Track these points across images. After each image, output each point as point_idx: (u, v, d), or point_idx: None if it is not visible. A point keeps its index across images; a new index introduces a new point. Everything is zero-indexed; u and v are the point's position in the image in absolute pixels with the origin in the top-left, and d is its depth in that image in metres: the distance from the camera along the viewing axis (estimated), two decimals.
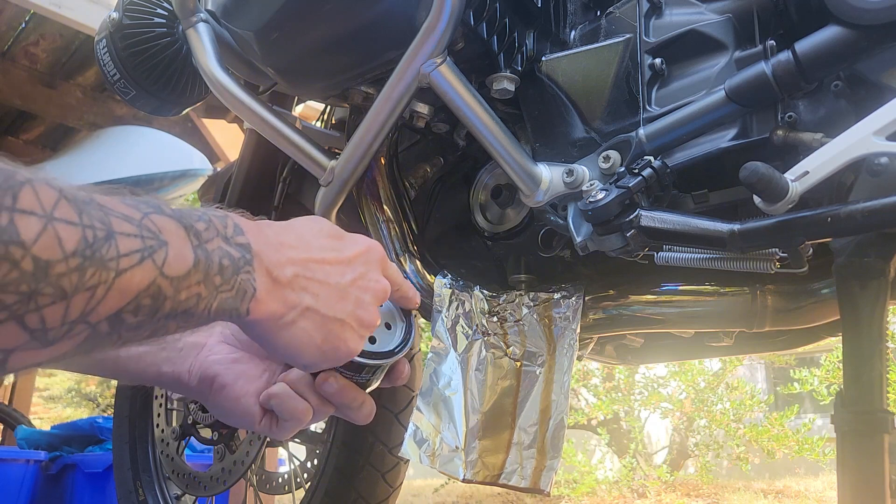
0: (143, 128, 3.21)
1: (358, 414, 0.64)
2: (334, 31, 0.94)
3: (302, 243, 0.55)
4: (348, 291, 0.57)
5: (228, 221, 0.49)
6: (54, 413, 11.85)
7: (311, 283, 0.54)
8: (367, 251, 0.60)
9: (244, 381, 0.64)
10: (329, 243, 0.57)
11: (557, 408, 0.89)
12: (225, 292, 0.47)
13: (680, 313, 0.92)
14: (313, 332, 0.54)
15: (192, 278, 0.44)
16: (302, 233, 0.56)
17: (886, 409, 0.73)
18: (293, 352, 0.54)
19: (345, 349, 0.57)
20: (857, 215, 0.66)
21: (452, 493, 5.17)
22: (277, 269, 0.51)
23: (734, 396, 4.64)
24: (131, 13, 1.18)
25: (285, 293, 0.52)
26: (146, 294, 0.41)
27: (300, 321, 0.53)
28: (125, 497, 1.54)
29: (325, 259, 0.56)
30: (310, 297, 0.54)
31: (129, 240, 0.41)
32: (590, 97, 0.90)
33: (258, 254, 0.50)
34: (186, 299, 0.44)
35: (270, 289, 0.51)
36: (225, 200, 1.36)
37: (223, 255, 0.47)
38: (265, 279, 0.50)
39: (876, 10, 0.68)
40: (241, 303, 0.49)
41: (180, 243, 0.44)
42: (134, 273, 0.40)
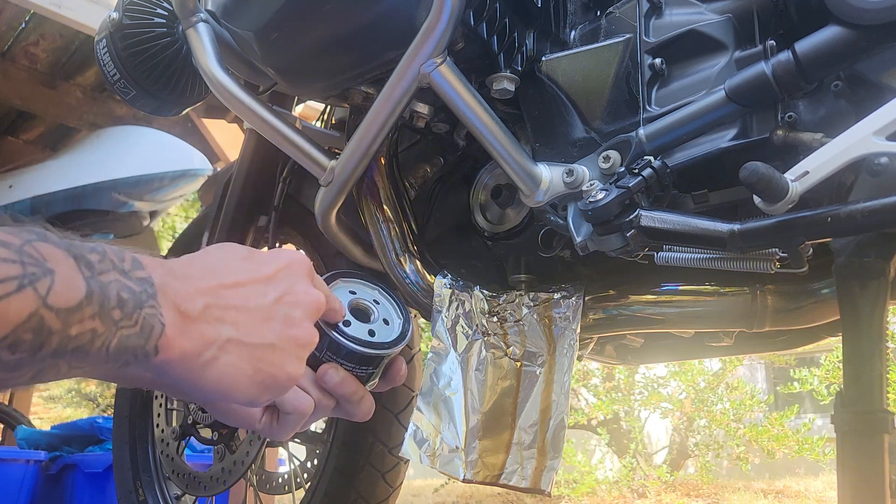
0: (143, 128, 3.21)
1: (358, 409, 0.63)
2: (334, 31, 0.94)
3: (208, 272, 0.50)
4: (273, 311, 0.51)
5: (125, 255, 0.44)
6: (54, 413, 11.85)
7: (226, 311, 0.49)
8: (288, 264, 0.55)
9: None
10: (242, 265, 0.52)
11: (558, 408, 0.88)
12: (126, 328, 0.42)
13: (680, 313, 0.92)
14: (241, 364, 0.49)
15: (84, 311, 0.39)
16: (208, 261, 0.51)
17: (886, 409, 0.73)
18: (223, 390, 0.48)
19: (283, 376, 0.52)
20: (857, 215, 0.66)
21: (452, 493, 5.17)
22: (186, 301, 0.46)
23: (734, 396, 4.64)
24: (131, 13, 1.18)
25: (199, 327, 0.47)
26: (26, 327, 0.36)
27: (222, 356, 0.48)
28: (125, 497, 1.54)
29: (239, 282, 0.51)
30: (228, 327, 0.48)
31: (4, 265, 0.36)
32: (590, 97, 0.90)
33: (162, 287, 0.45)
34: (78, 335, 0.39)
35: (180, 324, 0.45)
36: (225, 200, 1.37)
37: (121, 287, 0.42)
38: (173, 314, 0.45)
39: (876, 10, 0.68)
40: (148, 341, 0.43)
41: (69, 272, 0.39)
42: (10, 302, 0.36)
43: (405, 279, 1.01)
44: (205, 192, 1.88)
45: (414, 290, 1.00)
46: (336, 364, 0.62)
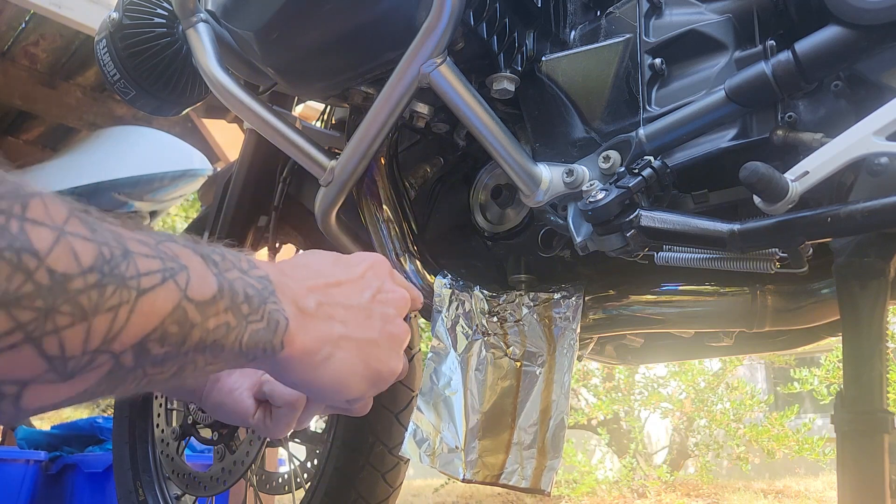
0: (143, 128, 3.21)
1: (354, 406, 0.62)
2: (334, 31, 0.94)
3: (312, 272, 0.52)
4: (371, 309, 0.54)
5: (241, 255, 0.46)
6: (54, 413, 11.85)
7: (335, 308, 0.51)
8: (374, 264, 0.57)
9: (239, 375, 0.63)
10: (335, 267, 0.54)
11: (558, 408, 0.89)
12: (255, 322, 0.43)
13: (680, 313, 0.92)
14: (353, 361, 0.51)
15: (218, 304, 0.41)
16: (308, 262, 0.53)
17: (886, 409, 0.74)
18: (339, 387, 0.50)
19: (387, 370, 0.54)
20: (857, 215, 0.66)
21: (452, 494, 5.17)
22: (301, 299, 0.48)
23: (734, 396, 4.64)
24: (131, 13, 1.18)
25: (315, 324, 0.48)
26: (172, 319, 0.38)
27: (337, 353, 0.50)
28: (125, 497, 1.54)
29: (340, 281, 0.53)
30: (339, 324, 0.50)
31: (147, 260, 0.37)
32: (590, 97, 0.90)
33: (279, 285, 0.46)
34: (215, 328, 0.40)
35: (300, 320, 0.47)
36: (225, 200, 1.36)
37: (245, 284, 0.43)
38: (293, 309, 0.47)
39: (876, 10, 0.68)
40: (275, 336, 0.45)
41: (200, 268, 0.40)
42: (157, 294, 0.37)
43: (405, 279, 1.01)
44: (205, 192, 1.87)
45: None
46: None
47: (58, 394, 0.35)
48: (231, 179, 1.37)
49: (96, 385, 0.36)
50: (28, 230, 0.32)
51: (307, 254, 0.56)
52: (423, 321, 1.21)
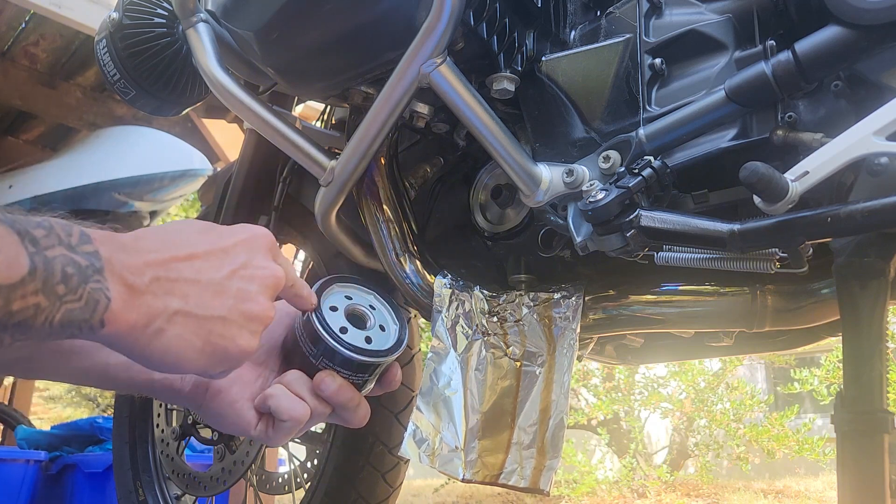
0: (142, 128, 3.21)
1: (354, 416, 0.63)
2: (334, 31, 0.93)
3: (163, 244, 0.50)
4: (225, 285, 0.52)
5: (73, 229, 0.44)
6: (54, 413, 11.85)
7: (176, 284, 0.49)
8: (249, 238, 0.55)
9: (239, 386, 0.62)
10: (199, 238, 0.52)
11: (557, 408, 0.88)
12: (71, 303, 0.42)
13: (680, 313, 0.91)
14: (190, 336, 0.49)
15: (27, 287, 0.40)
16: (163, 234, 0.52)
17: (886, 409, 0.73)
18: (172, 361, 0.49)
19: (234, 348, 0.52)
20: (857, 215, 0.66)
21: (452, 494, 5.17)
22: (133, 274, 0.47)
23: (734, 396, 4.64)
24: (131, 13, 1.18)
25: (146, 300, 0.47)
26: None
27: (170, 328, 0.48)
28: (125, 497, 1.54)
29: (194, 254, 0.51)
30: (177, 299, 0.49)
31: None
32: (590, 97, 0.90)
33: (109, 260, 0.45)
34: (20, 310, 0.40)
35: (127, 297, 0.46)
36: (225, 200, 1.36)
37: (67, 262, 0.42)
38: (120, 287, 0.45)
39: (876, 10, 0.68)
40: (93, 314, 0.44)
41: (12, 249, 0.39)
42: None
43: (405, 279, 1.01)
44: (205, 192, 1.88)
45: (414, 290, 1.00)
46: (332, 371, 0.62)
47: None
48: (231, 179, 1.37)
49: None
50: None
51: (174, 223, 0.55)
52: (423, 321, 1.21)
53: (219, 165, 3.29)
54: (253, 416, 0.62)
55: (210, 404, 0.62)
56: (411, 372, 1.37)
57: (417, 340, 1.44)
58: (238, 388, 0.62)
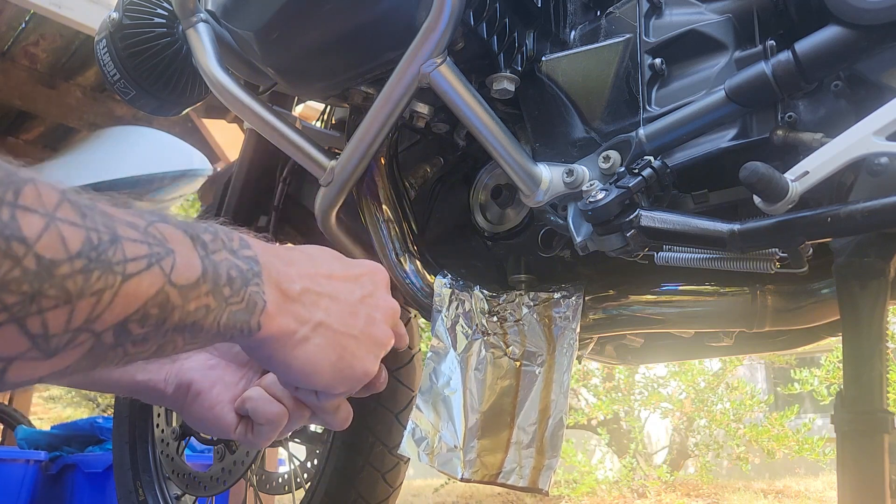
0: (143, 128, 3.20)
1: (334, 419, 0.62)
2: (334, 31, 0.93)
3: (306, 260, 0.53)
4: (358, 308, 0.55)
5: (234, 235, 0.47)
6: (54, 413, 11.85)
7: (321, 297, 0.52)
8: (373, 271, 0.58)
9: (220, 388, 0.62)
10: (333, 262, 0.56)
11: (557, 407, 0.88)
12: (234, 304, 0.45)
13: (680, 313, 0.91)
14: (328, 348, 0.52)
15: (200, 288, 0.42)
16: (307, 252, 0.55)
17: (886, 409, 0.73)
18: (308, 370, 0.52)
19: (360, 368, 0.55)
20: (857, 215, 0.66)
21: (452, 493, 5.17)
22: (286, 282, 0.50)
23: (734, 396, 4.64)
24: (131, 13, 1.18)
25: (296, 308, 0.50)
26: (154, 302, 0.39)
27: (313, 337, 0.51)
28: (125, 497, 1.54)
29: (333, 275, 0.54)
30: (321, 312, 0.52)
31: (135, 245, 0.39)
32: (590, 97, 0.90)
33: (266, 266, 0.48)
34: (195, 310, 0.42)
35: (280, 303, 0.49)
36: (225, 200, 1.36)
37: (231, 266, 0.45)
38: (274, 292, 0.48)
39: (876, 10, 0.68)
40: (252, 316, 0.46)
41: (187, 252, 0.42)
42: (142, 279, 0.38)
43: (405, 279, 1.01)
44: (205, 192, 1.89)
45: (414, 290, 1.00)
46: None
47: (40, 369, 0.36)
48: (231, 179, 1.37)
49: (77, 362, 0.38)
50: (19, 217, 0.33)
51: (311, 246, 0.57)
52: (423, 321, 1.21)
53: (219, 165, 3.29)
54: (233, 419, 0.62)
55: (191, 406, 0.63)
56: (411, 371, 1.36)
57: (417, 340, 1.44)
58: (219, 390, 0.62)
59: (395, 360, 1.34)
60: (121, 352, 0.40)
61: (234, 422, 0.62)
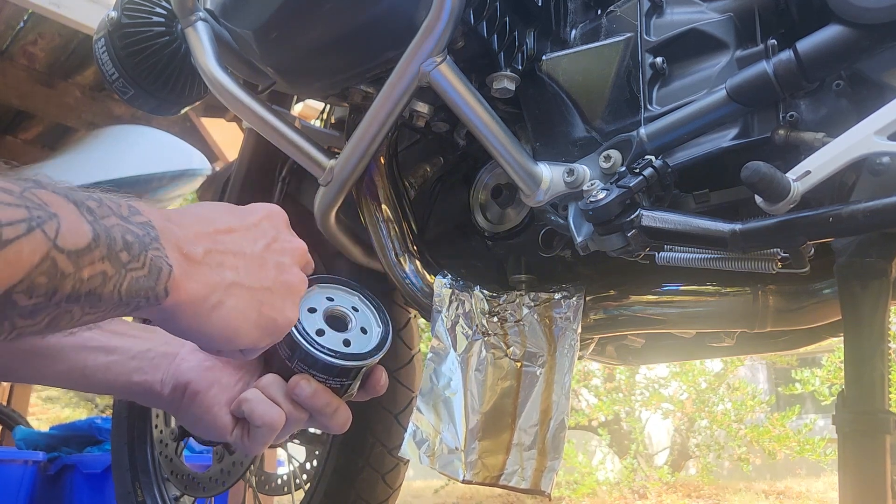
0: (141, 127, 3.20)
1: (332, 421, 0.61)
2: (334, 30, 0.93)
3: (201, 219, 0.50)
4: (265, 258, 0.52)
5: (122, 202, 0.44)
6: (52, 413, 11.84)
7: (226, 255, 0.49)
8: (270, 214, 0.55)
9: (217, 390, 0.61)
10: (228, 215, 0.52)
11: (558, 408, 0.88)
12: (135, 270, 0.41)
13: (681, 314, 0.91)
14: (245, 308, 0.49)
15: (93, 253, 0.39)
16: (198, 211, 0.51)
17: (888, 409, 0.73)
18: (230, 334, 0.48)
19: (283, 319, 0.52)
20: (859, 215, 0.66)
21: (453, 495, 5.17)
22: (187, 245, 0.46)
23: (735, 397, 4.65)
24: (130, 12, 1.18)
25: (204, 271, 0.47)
26: (40, 270, 0.36)
27: (228, 300, 0.48)
28: (124, 498, 1.54)
29: (231, 228, 0.51)
30: (230, 271, 0.48)
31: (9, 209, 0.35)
32: (590, 96, 0.90)
33: (163, 231, 0.44)
34: (90, 278, 0.38)
35: (186, 267, 0.45)
36: (224, 200, 1.36)
37: (124, 231, 0.41)
38: (178, 256, 0.45)
39: (878, 10, 0.67)
40: (157, 283, 0.43)
41: (72, 216, 0.38)
42: (22, 244, 0.35)
43: (405, 279, 1.00)
44: (204, 191, 1.87)
45: (414, 290, 1.00)
46: (308, 375, 0.60)
47: None
48: (230, 179, 1.37)
49: None
50: None
51: (199, 203, 0.54)
52: (423, 321, 1.21)
53: (218, 165, 3.29)
54: (229, 421, 0.61)
55: (187, 408, 0.61)
56: (411, 372, 1.36)
57: (417, 340, 1.43)
58: (216, 392, 0.61)
59: (395, 361, 1.33)
60: (7, 325, 0.37)
61: (231, 424, 0.61)
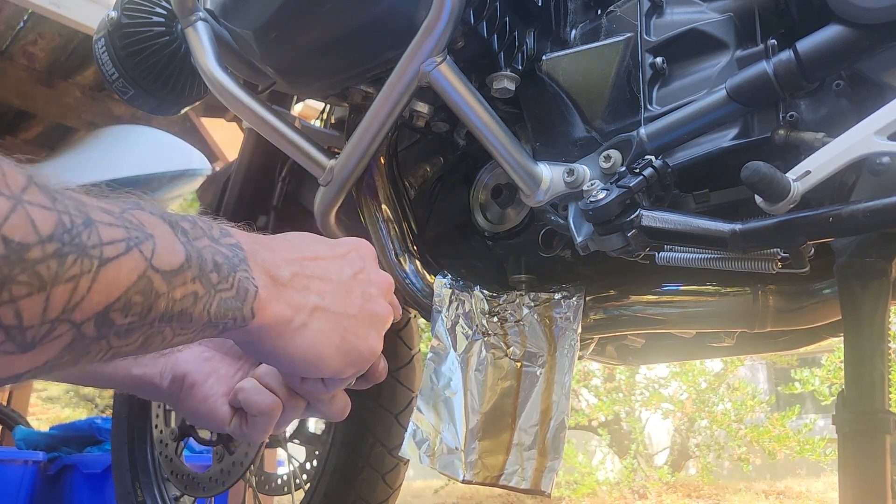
0: (141, 127, 3.20)
1: (330, 409, 0.61)
2: (334, 30, 0.93)
3: (290, 246, 0.51)
4: (352, 286, 0.53)
5: (213, 224, 0.45)
6: (52, 414, 11.84)
7: (312, 280, 0.50)
8: (358, 247, 0.57)
9: (215, 380, 0.61)
10: (317, 244, 0.54)
11: (558, 408, 0.88)
12: (224, 291, 0.42)
13: (681, 314, 0.91)
14: (329, 332, 0.50)
15: (185, 274, 0.40)
16: (288, 237, 0.53)
17: (888, 409, 0.73)
18: (313, 358, 0.49)
19: (366, 348, 0.53)
20: (859, 215, 0.66)
21: (453, 495, 5.17)
22: (274, 268, 0.47)
23: (735, 397, 4.65)
24: (130, 12, 1.18)
25: (289, 293, 0.48)
26: (136, 289, 0.37)
27: (312, 322, 0.49)
28: (124, 498, 1.54)
29: (320, 256, 0.52)
30: (315, 295, 0.49)
31: (110, 229, 0.36)
32: (590, 96, 0.90)
33: (251, 253, 0.46)
34: (182, 298, 0.40)
35: (272, 289, 0.46)
36: (223, 200, 1.36)
37: (215, 252, 0.43)
38: (265, 278, 0.46)
39: (878, 10, 0.68)
40: (244, 304, 0.44)
41: (167, 237, 0.40)
42: (121, 263, 0.36)
43: (405, 279, 1.00)
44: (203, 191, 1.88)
45: (414, 290, 1.00)
46: None
47: (18, 364, 0.34)
48: (230, 179, 1.37)
49: (57, 356, 0.36)
50: None
51: (292, 233, 0.55)
52: (423, 321, 1.21)
53: (218, 165, 3.29)
54: (227, 412, 0.61)
55: (186, 399, 0.62)
56: (411, 372, 1.36)
57: (417, 340, 1.43)
58: (214, 382, 0.61)
59: (395, 361, 1.33)
60: (104, 345, 0.38)
61: (229, 414, 0.61)
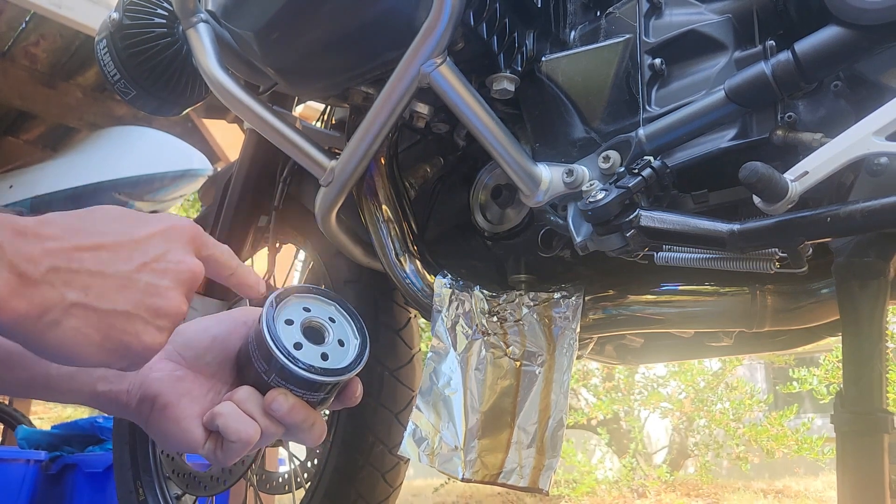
0: (143, 128, 3.21)
1: (309, 435, 0.59)
2: (334, 31, 0.94)
3: (69, 231, 0.48)
4: (133, 278, 0.49)
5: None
6: (54, 413, 11.83)
7: (77, 275, 0.47)
8: (167, 229, 0.52)
9: (188, 401, 0.59)
10: (111, 227, 0.50)
11: (557, 407, 0.89)
12: None
13: (680, 313, 0.92)
14: (88, 330, 0.47)
15: None
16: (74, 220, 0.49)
17: (886, 409, 0.74)
18: (67, 353, 0.48)
19: (138, 344, 0.50)
20: (857, 215, 0.66)
21: (452, 493, 5.17)
22: (27, 263, 0.45)
23: (734, 396, 4.64)
24: (131, 13, 1.19)
25: (40, 290, 0.46)
26: None
27: (66, 320, 0.47)
28: (125, 497, 1.54)
29: (102, 244, 0.49)
30: (76, 291, 0.47)
31: None
32: (590, 97, 0.90)
33: (5, 244, 0.44)
34: None
35: (15, 286, 0.44)
36: (225, 201, 1.37)
37: None
38: (8, 275, 0.44)
39: (875, 10, 0.68)
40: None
41: None
42: None
43: (405, 279, 1.01)
44: (205, 192, 1.88)
45: (414, 290, 1.00)
46: (285, 390, 0.58)
47: None
48: (231, 179, 1.37)
49: None
50: None
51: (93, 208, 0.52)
52: (424, 321, 1.21)
53: (219, 165, 3.29)
54: (201, 434, 0.58)
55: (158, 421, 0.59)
56: (411, 372, 1.36)
57: (417, 340, 1.44)
58: (187, 403, 0.59)
59: (395, 360, 1.34)
60: None
61: (202, 437, 0.58)
